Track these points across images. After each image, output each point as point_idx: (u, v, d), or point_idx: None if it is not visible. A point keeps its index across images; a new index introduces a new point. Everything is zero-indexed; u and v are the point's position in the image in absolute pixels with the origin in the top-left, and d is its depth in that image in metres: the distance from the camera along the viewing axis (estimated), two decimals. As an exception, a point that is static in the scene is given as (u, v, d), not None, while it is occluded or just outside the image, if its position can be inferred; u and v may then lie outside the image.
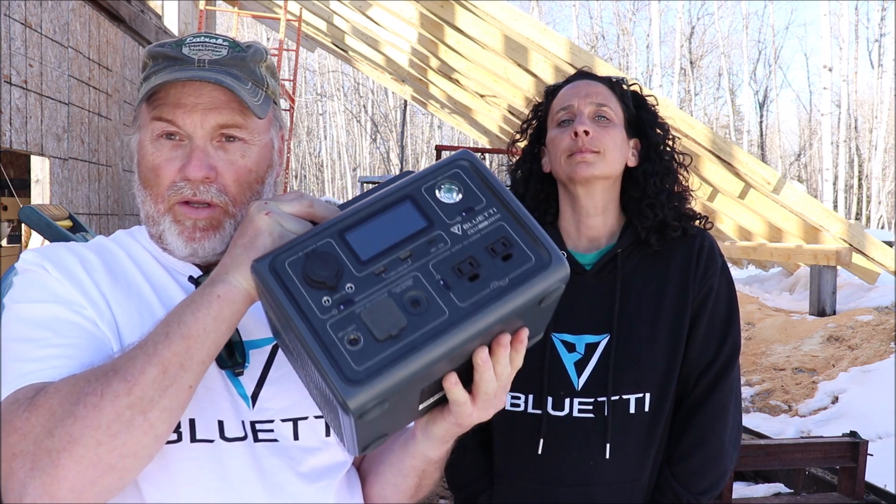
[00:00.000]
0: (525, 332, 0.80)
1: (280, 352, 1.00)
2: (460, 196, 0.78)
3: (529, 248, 0.76)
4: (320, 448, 1.01)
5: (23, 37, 4.60)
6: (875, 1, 28.83)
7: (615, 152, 1.40)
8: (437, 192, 0.79)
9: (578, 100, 1.41)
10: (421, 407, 0.84)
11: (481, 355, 0.77)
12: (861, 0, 30.15)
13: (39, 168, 5.03)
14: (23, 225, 4.21)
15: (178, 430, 0.93)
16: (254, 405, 0.97)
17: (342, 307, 0.72)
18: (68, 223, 3.62)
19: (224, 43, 1.00)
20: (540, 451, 1.36)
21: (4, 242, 6.99)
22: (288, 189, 14.25)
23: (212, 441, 0.94)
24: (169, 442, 0.92)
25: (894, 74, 23.23)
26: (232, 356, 0.97)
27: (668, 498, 1.37)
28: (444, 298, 0.73)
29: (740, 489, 3.88)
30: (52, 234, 3.31)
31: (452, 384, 0.78)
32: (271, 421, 0.98)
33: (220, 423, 0.95)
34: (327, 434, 1.02)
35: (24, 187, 5.63)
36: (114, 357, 0.86)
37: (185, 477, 0.91)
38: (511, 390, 1.39)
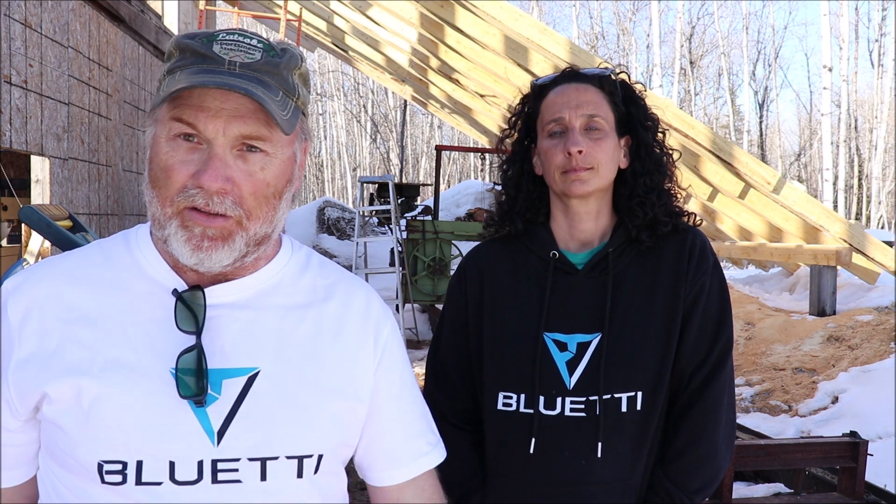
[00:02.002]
0: None
1: (257, 383, 0.94)
2: None
3: None
4: (287, 491, 0.94)
5: (23, 37, 4.60)
6: (875, 1, 28.83)
7: (609, 164, 1.39)
8: None
9: (569, 111, 1.38)
10: None
11: None
12: (861, 0, 30.17)
13: (39, 168, 5.03)
14: (23, 225, 4.21)
15: (123, 471, 0.88)
16: (219, 442, 0.91)
17: None
18: (68, 223, 3.62)
19: (258, 45, 0.92)
20: (532, 451, 1.35)
21: (4, 242, 6.99)
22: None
23: (159, 484, 0.89)
24: (113, 484, 0.88)
25: (894, 74, 23.21)
26: (199, 385, 0.90)
27: (661, 497, 1.37)
28: None
29: (740, 489, 3.88)
30: (52, 234, 3.31)
31: None
32: (237, 460, 0.91)
33: (171, 465, 0.89)
34: (299, 475, 0.95)
35: (24, 187, 5.63)
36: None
37: None
38: (503, 390, 1.40)
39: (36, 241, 3.51)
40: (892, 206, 29.47)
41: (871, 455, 3.02)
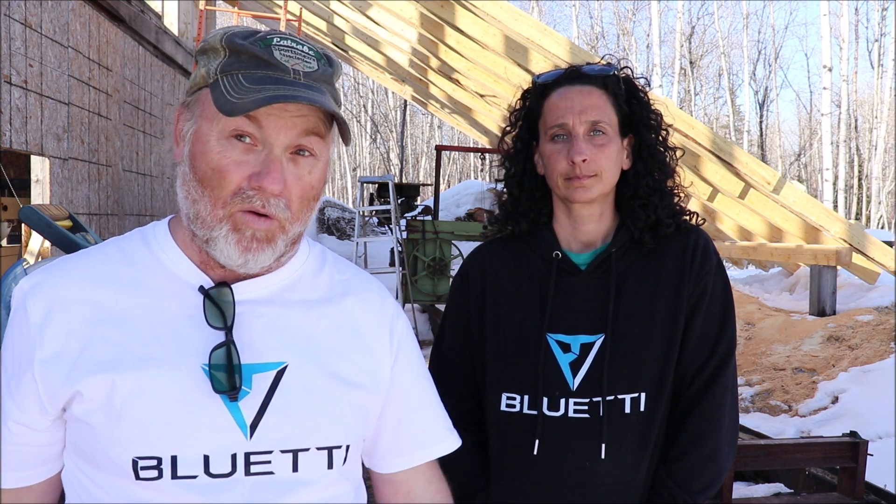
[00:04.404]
0: None
1: (286, 377, 0.96)
2: None
3: None
4: (320, 481, 0.97)
5: (23, 37, 4.60)
6: (875, 1, 28.83)
7: (612, 170, 1.38)
8: None
9: (573, 117, 1.36)
10: None
11: None
12: (861, 0, 30.16)
13: (39, 168, 5.03)
14: (23, 225, 4.21)
15: (158, 466, 0.89)
16: (252, 435, 0.93)
17: None
18: (68, 223, 3.61)
19: (311, 52, 0.94)
20: (535, 452, 1.35)
21: (4, 242, 6.99)
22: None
23: (195, 477, 0.90)
24: (148, 479, 0.90)
25: (894, 74, 23.22)
26: (231, 380, 0.92)
27: (664, 498, 1.36)
28: None
29: (740, 489, 3.88)
30: (52, 234, 3.30)
31: None
32: (269, 452, 0.93)
33: (206, 458, 0.90)
34: (329, 466, 0.97)
35: (24, 187, 5.63)
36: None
37: None
38: (506, 391, 1.40)
39: (36, 241, 3.51)
40: (892, 206, 29.48)
41: (871, 455, 3.02)
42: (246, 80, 0.89)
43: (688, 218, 1.45)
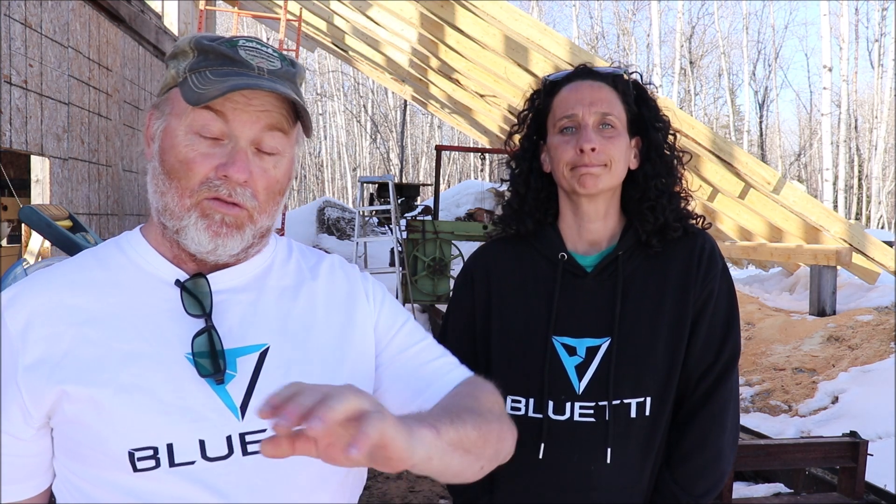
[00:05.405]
0: None
1: (269, 358, 0.98)
2: None
3: None
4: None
5: (23, 37, 4.60)
6: (875, 1, 28.83)
7: (620, 163, 1.38)
8: None
9: (583, 108, 1.36)
10: None
11: None
12: (861, 0, 30.16)
13: (39, 168, 5.03)
14: (23, 225, 4.21)
15: (155, 455, 0.91)
16: (243, 416, 0.95)
17: None
18: (68, 223, 3.61)
19: (274, 54, 0.99)
20: (541, 456, 1.35)
21: (4, 242, 6.99)
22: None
23: (192, 463, 0.91)
24: (146, 470, 0.90)
25: (894, 74, 23.23)
26: (215, 364, 0.94)
27: (668, 499, 1.36)
28: None
29: (740, 489, 3.89)
30: (52, 234, 3.30)
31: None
32: (263, 431, 0.94)
33: (202, 443, 0.92)
34: None
35: (24, 187, 5.63)
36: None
37: None
38: (512, 394, 1.39)
39: (36, 241, 3.51)
40: (892, 206, 29.50)
41: (871, 455, 3.01)
42: (212, 74, 0.94)
43: (694, 222, 1.45)
